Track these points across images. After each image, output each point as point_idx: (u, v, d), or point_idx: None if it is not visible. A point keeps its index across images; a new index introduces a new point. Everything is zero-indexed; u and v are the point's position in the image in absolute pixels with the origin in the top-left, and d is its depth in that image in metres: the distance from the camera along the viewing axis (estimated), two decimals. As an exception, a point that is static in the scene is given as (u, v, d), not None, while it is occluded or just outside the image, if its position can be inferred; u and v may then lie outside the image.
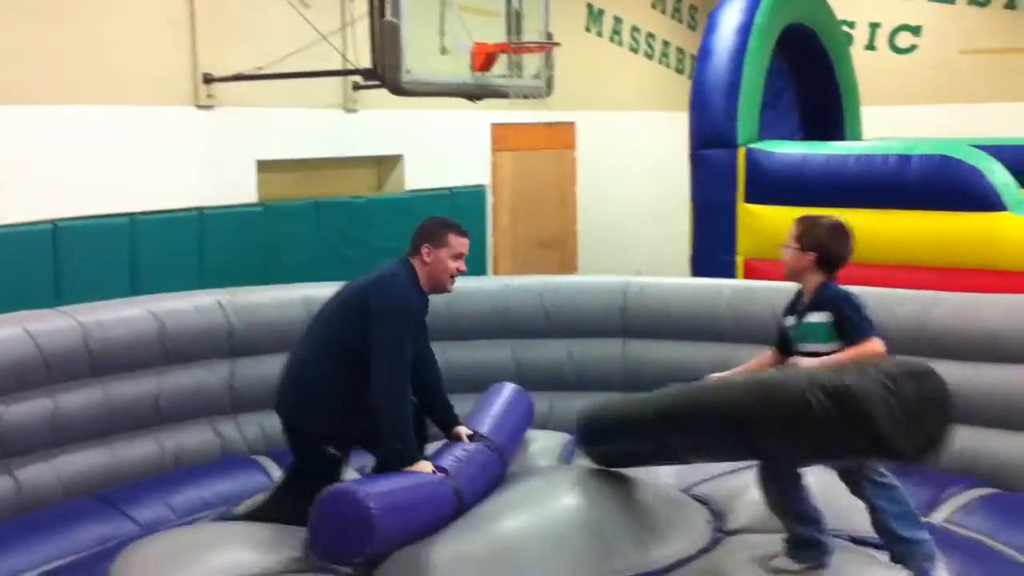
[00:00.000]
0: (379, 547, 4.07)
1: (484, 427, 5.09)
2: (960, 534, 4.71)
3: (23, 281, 6.86)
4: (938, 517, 4.89)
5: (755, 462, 5.06)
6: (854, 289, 5.93)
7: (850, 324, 4.09)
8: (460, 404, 5.58)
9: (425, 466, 4.44)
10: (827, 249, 4.20)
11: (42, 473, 5.18)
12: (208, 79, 8.15)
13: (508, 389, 5.68)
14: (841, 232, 4.25)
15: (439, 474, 4.42)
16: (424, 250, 4.71)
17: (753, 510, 4.54)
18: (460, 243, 4.78)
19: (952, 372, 5.46)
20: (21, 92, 7.03)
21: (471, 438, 4.88)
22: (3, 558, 4.59)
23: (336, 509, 4.04)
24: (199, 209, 8.05)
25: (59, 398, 5.28)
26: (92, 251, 7.29)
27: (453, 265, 4.73)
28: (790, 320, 4.34)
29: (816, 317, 4.16)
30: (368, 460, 4.91)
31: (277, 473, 5.71)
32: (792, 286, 4.42)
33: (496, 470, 4.85)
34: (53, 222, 7.13)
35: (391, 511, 4.08)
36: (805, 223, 4.28)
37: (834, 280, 4.25)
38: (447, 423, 4.97)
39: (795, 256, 4.24)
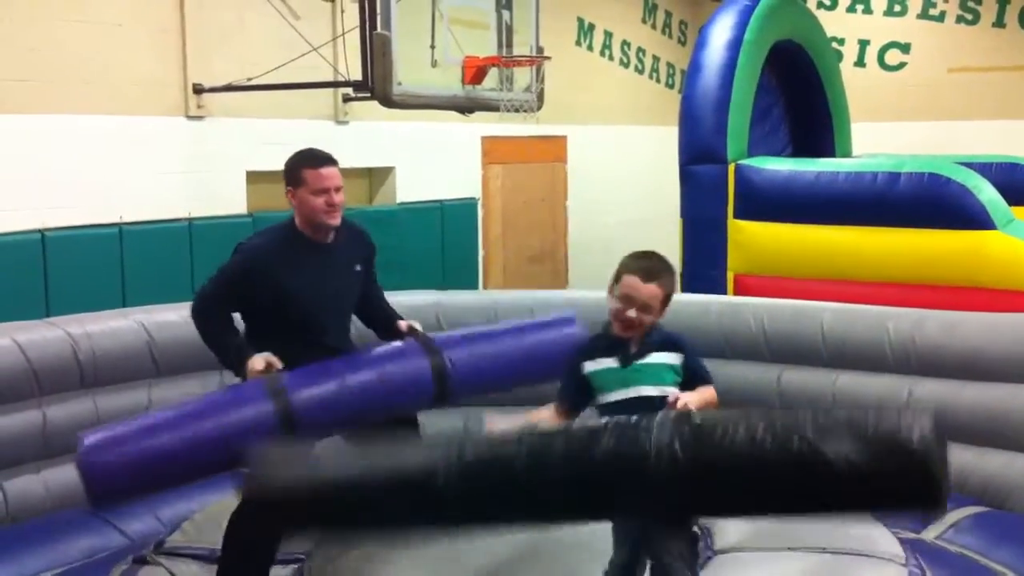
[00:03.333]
0: (112, 485, 3.81)
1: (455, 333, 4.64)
2: (952, 551, 4.72)
3: (11, 291, 6.82)
4: (930, 535, 4.90)
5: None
6: (833, 306, 6.03)
7: (699, 367, 3.77)
8: (448, 418, 5.59)
9: (255, 363, 4.14)
10: (671, 296, 3.82)
11: (31, 485, 5.16)
12: (198, 89, 8.14)
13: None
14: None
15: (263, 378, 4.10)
16: (288, 195, 4.40)
17: (743, 528, 4.52)
18: (316, 176, 4.32)
19: (942, 390, 5.58)
20: (9, 101, 7.00)
21: (410, 332, 4.52)
22: (-9, 570, 4.57)
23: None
24: (188, 220, 8.04)
25: (48, 410, 5.25)
26: (81, 261, 7.26)
27: (319, 200, 4.31)
28: (607, 363, 3.75)
29: (663, 357, 3.72)
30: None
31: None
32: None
33: (407, 365, 4.33)
34: (41, 232, 7.11)
35: (110, 445, 3.84)
36: (666, 285, 3.78)
37: None
38: (390, 326, 4.63)
39: (651, 319, 3.74)
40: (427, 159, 10.33)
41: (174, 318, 5.88)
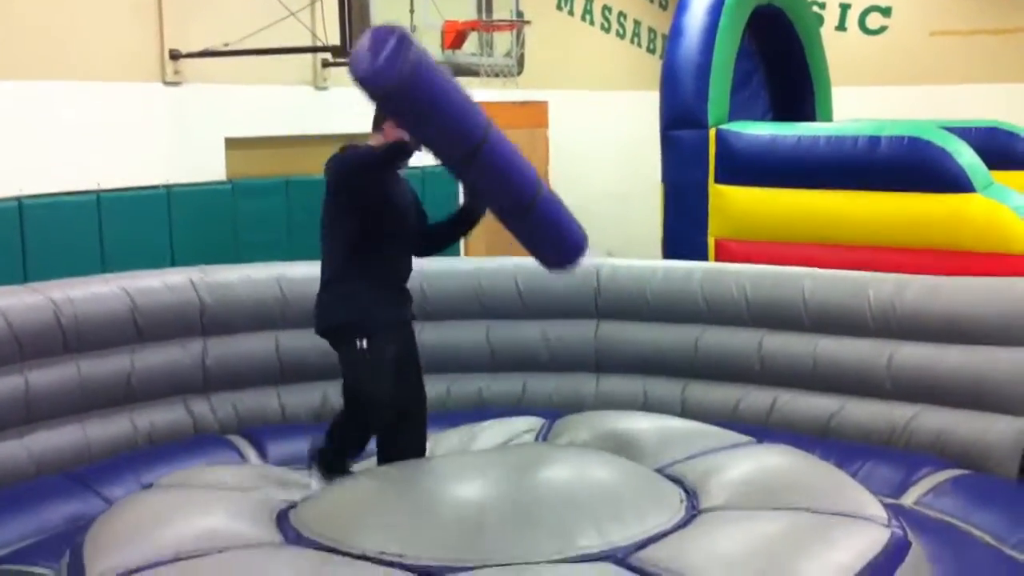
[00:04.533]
0: (413, 66, 3.96)
1: None
2: (930, 516, 4.74)
3: (-11, 258, 6.80)
4: (908, 499, 4.94)
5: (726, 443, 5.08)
6: (814, 271, 6.05)
7: None
8: (434, 383, 5.59)
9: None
10: None
11: (13, 451, 5.15)
12: (175, 55, 8.07)
13: None
14: None
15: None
16: (387, 125, 4.86)
17: (729, 490, 4.53)
18: None
19: (923, 353, 5.62)
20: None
21: None
22: (-26, 537, 4.56)
23: (376, 35, 4.02)
24: (167, 186, 7.99)
25: (30, 375, 5.24)
26: (59, 228, 7.21)
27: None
28: None
29: None
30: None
31: (250, 452, 5.70)
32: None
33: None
34: (19, 199, 7.06)
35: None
36: None
37: None
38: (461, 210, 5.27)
39: None
40: (407, 125, 10.26)
41: (156, 284, 5.88)
